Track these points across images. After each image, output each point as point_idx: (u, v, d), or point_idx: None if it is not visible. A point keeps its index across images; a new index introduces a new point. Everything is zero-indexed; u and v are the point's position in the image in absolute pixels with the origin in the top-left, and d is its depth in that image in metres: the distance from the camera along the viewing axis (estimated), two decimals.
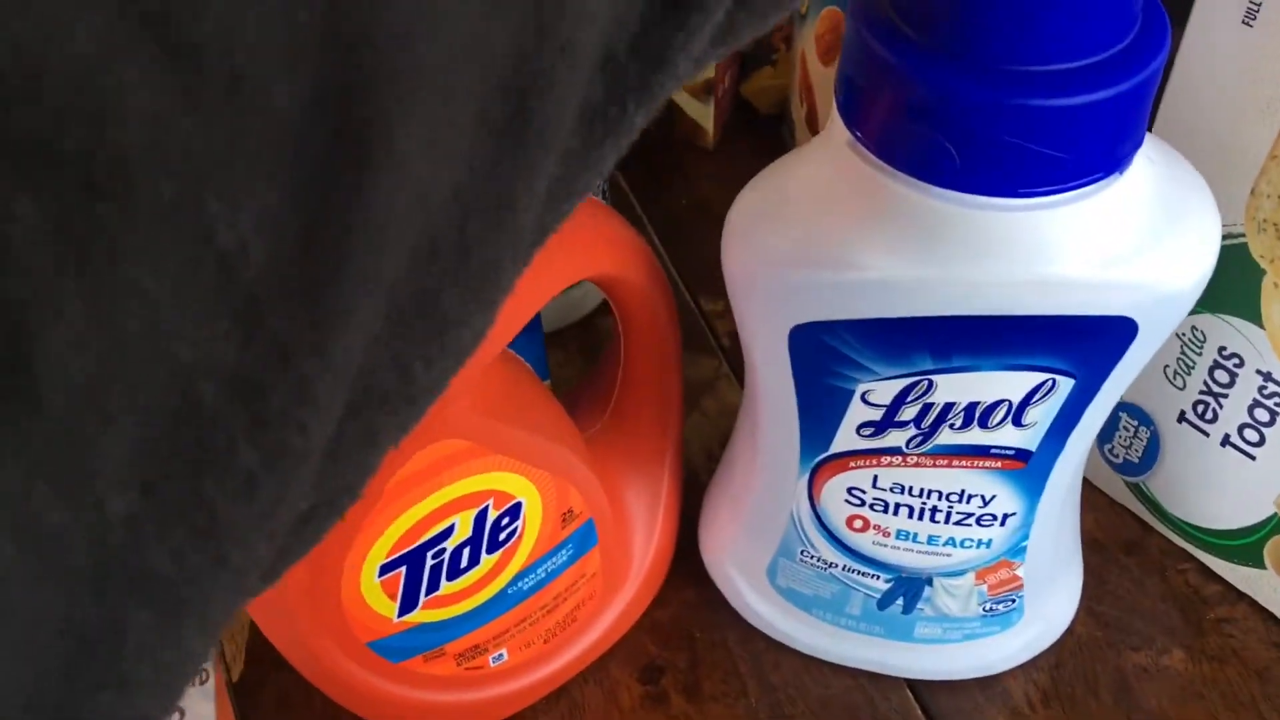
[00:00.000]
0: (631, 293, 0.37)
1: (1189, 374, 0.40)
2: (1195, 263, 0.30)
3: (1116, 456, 0.45)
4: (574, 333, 0.55)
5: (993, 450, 0.33)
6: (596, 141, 0.17)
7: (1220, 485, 0.42)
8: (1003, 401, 0.32)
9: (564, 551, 0.38)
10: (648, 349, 0.40)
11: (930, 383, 0.32)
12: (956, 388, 0.32)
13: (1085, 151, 0.27)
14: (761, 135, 0.64)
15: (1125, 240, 0.29)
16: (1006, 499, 0.35)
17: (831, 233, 0.30)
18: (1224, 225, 0.35)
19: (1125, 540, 0.46)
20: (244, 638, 0.45)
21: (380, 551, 0.33)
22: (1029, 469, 0.34)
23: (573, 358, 0.54)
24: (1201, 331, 0.39)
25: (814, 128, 0.57)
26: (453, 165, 0.15)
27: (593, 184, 0.19)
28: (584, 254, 0.35)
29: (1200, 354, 0.39)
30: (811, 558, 0.39)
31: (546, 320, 0.52)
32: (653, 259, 0.37)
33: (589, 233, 0.35)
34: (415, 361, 0.16)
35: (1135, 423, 0.43)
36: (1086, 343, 0.30)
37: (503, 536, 0.35)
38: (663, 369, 0.40)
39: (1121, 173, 0.28)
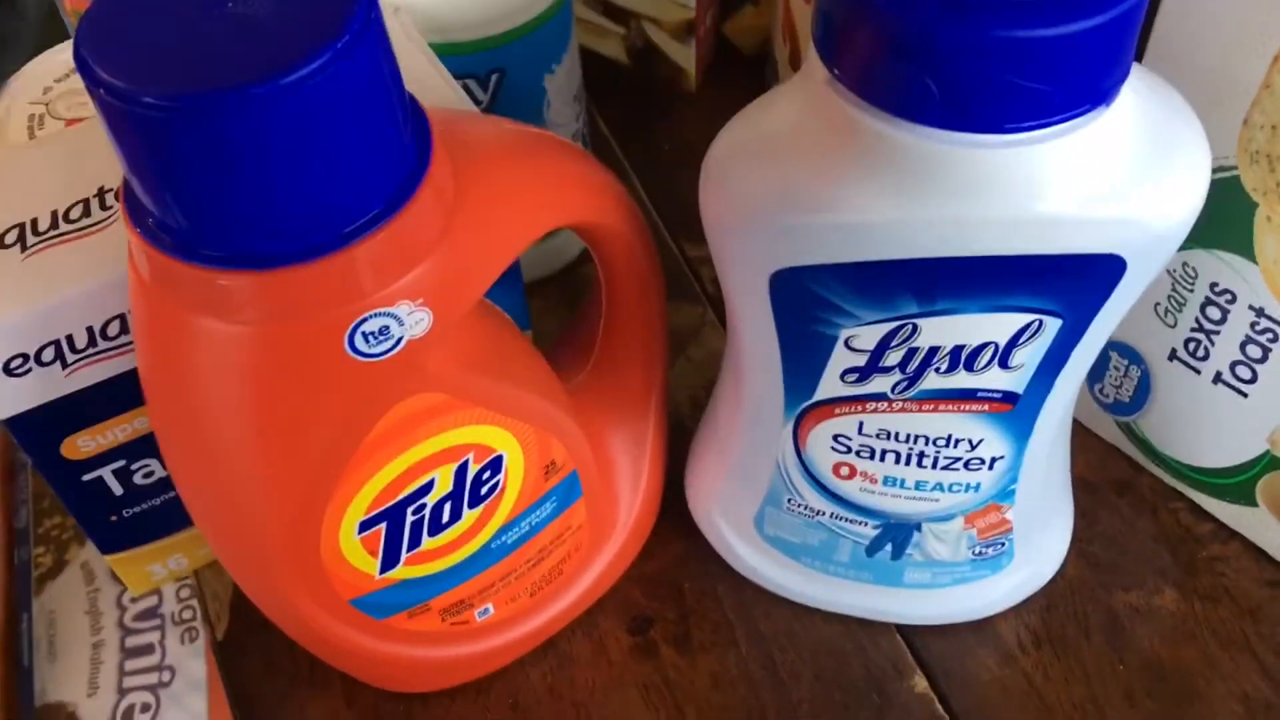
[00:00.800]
0: (611, 238, 0.36)
1: (1180, 311, 0.40)
2: (1185, 197, 0.29)
3: (1107, 396, 0.45)
4: (555, 282, 0.54)
5: (979, 393, 0.33)
6: None
7: (1212, 423, 0.41)
8: (989, 344, 0.31)
9: (548, 504, 0.38)
10: (630, 296, 0.39)
11: (915, 327, 0.31)
12: (941, 331, 0.31)
13: (1070, 84, 0.26)
14: (745, 76, 0.63)
15: (1112, 175, 0.28)
16: (994, 442, 0.34)
17: (811, 175, 0.29)
18: (1215, 158, 0.34)
19: (1116, 480, 0.46)
20: (227, 596, 0.45)
21: (359, 508, 0.33)
22: (1016, 411, 0.33)
23: (554, 308, 0.53)
24: (1193, 268, 0.38)
25: (798, 67, 0.56)
26: None
27: None
28: (561, 200, 0.34)
29: (1191, 290, 0.39)
30: (798, 506, 0.38)
31: (527, 270, 0.51)
32: (631, 203, 0.37)
33: (565, 178, 0.34)
34: None
35: (1125, 362, 0.43)
36: (1073, 282, 0.30)
37: (484, 491, 0.35)
38: (646, 317, 0.40)
39: (1108, 105, 0.27)
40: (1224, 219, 0.36)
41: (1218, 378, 0.40)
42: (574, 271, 0.54)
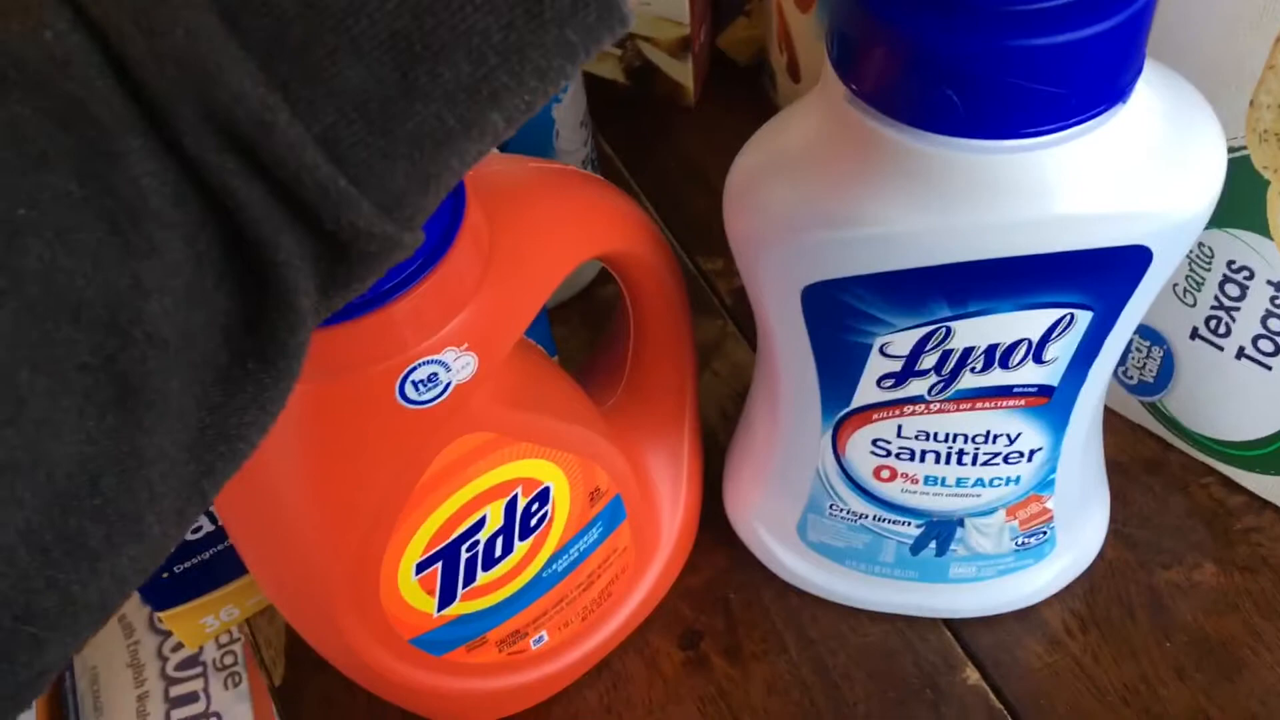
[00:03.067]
0: (637, 264, 0.37)
1: (1199, 290, 0.40)
2: (1205, 184, 0.30)
3: (1131, 378, 0.45)
4: (575, 305, 0.54)
5: (1015, 389, 0.33)
6: (241, 393, 0.20)
7: (1238, 398, 0.42)
8: (1022, 341, 0.32)
9: (595, 529, 0.38)
10: (658, 319, 0.40)
11: (948, 329, 0.32)
12: (975, 332, 0.32)
13: (1087, 86, 0.27)
14: (742, 88, 0.63)
15: (1133, 169, 0.29)
16: (1032, 435, 0.35)
17: (837, 190, 0.30)
18: (1226, 138, 0.35)
19: (1146, 460, 0.46)
20: (281, 642, 0.45)
21: (415, 550, 0.33)
22: (1052, 403, 0.34)
23: (576, 331, 0.54)
24: (1209, 248, 0.39)
25: (795, 75, 0.57)
26: (68, 434, 0.18)
27: (266, 423, 0.21)
28: (589, 232, 0.34)
29: (1209, 270, 0.39)
30: (841, 511, 0.39)
31: None
32: (654, 228, 0.37)
33: (592, 211, 0.35)
34: (72, 585, 0.19)
35: (1148, 343, 0.43)
36: (1102, 274, 0.30)
37: (534, 522, 0.35)
38: (674, 337, 0.40)
39: (1124, 102, 0.28)
40: (1237, 198, 0.36)
41: (1241, 353, 0.40)
42: (592, 294, 0.55)
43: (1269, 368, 0.40)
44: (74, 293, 0.18)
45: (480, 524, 0.34)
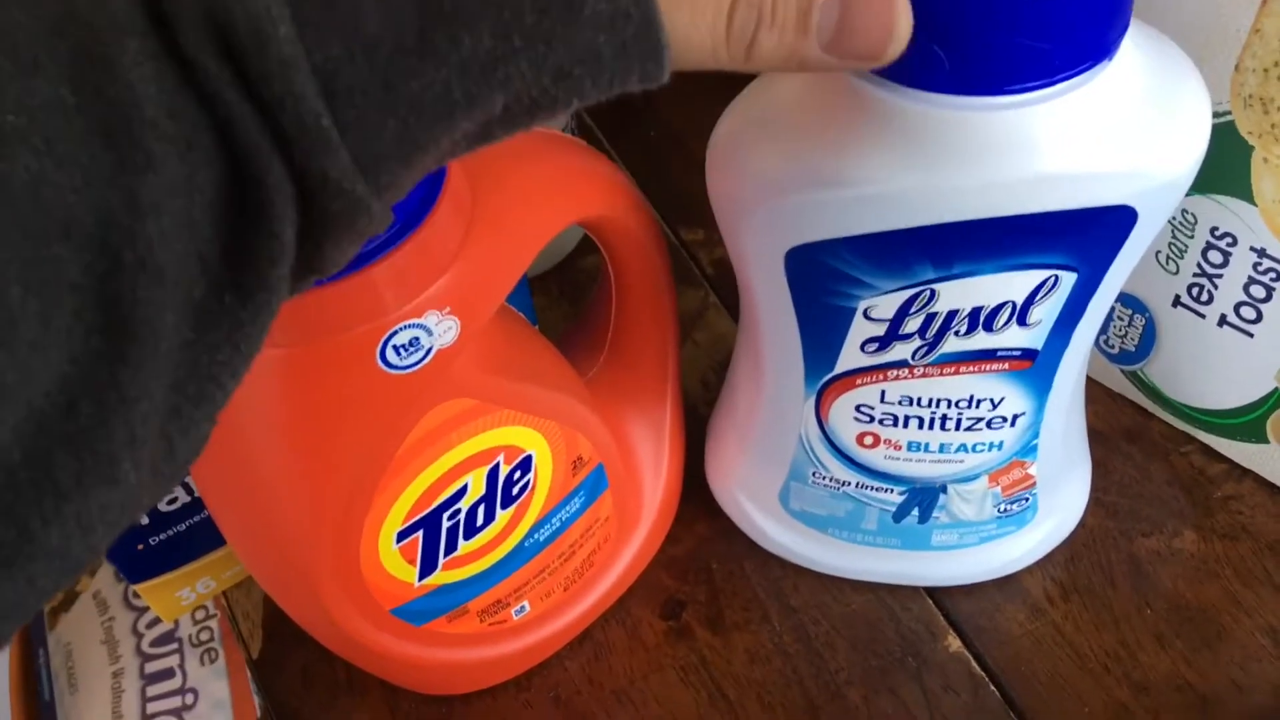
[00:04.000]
0: (619, 230, 0.37)
1: (1181, 258, 0.40)
2: (1190, 144, 0.30)
3: (1112, 347, 0.45)
4: (555, 275, 0.54)
5: (999, 353, 0.33)
6: (215, 330, 0.19)
7: (1220, 365, 0.42)
8: (1006, 303, 0.32)
9: (577, 499, 0.38)
10: (640, 286, 0.39)
11: (932, 292, 0.31)
12: (959, 294, 0.31)
13: (1073, 42, 0.26)
14: None
15: (1119, 128, 0.28)
16: (1015, 399, 0.35)
17: (822, 150, 0.30)
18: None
19: (1126, 428, 0.46)
20: (259, 615, 0.45)
21: (396, 518, 0.33)
22: (1036, 367, 0.34)
23: (556, 301, 0.53)
24: (1192, 214, 0.39)
25: None
26: (54, 355, 0.17)
27: (239, 366, 0.20)
28: (572, 197, 0.34)
29: (1192, 237, 0.39)
30: (823, 478, 0.39)
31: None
32: (638, 194, 0.37)
33: (574, 175, 0.34)
34: (33, 520, 0.18)
35: (1130, 311, 0.43)
36: (1087, 235, 0.30)
37: (516, 490, 0.35)
38: (656, 305, 0.40)
39: (1110, 60, 0.28)
40: (1221, 164, 0.36)
41: (1223, 320, 0.40)
42: (572, 264, 0.54)
43: (1250, 335, 0.40)
44: (65, 208, 0.17)
45: (462, 492, 0.34)
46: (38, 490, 0.18)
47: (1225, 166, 0.37)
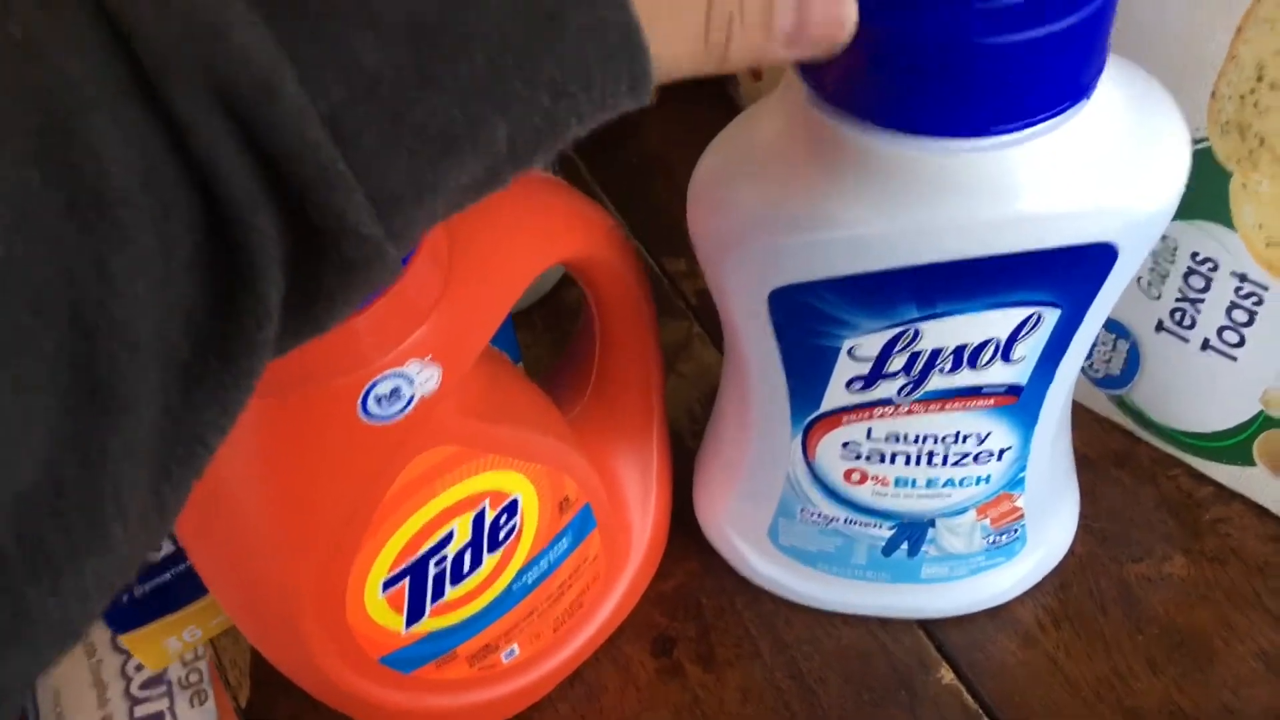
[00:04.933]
0: (601, 270, 0.36)
1: (1163, 283, 0.40)
2: (1169, 180, 0.30)
3: (1097, 371, 0.45)
4: (539, 310, 0.54)
5: (984, 389, 0.33)
6: (200, 390, 0.19)
7: (1204, 389, 0.42)
8: (990, 340, 0.32)
9: (564, 539, 0.38)
10: (622, 324, 0.39)
11: (916, 331, 0.31)
12: (943, 332, 0.31)
13: (1051, 83, 0.26)
14: (702, 81, 0.63)
15: (1097, 166, 0.28)
16: (1002, 434, 0.35)
17: (802, 193, 0.30)
18: None
19: (1113, 453, 0.46)
20: (246, 663, 0.44)
21: (382, 567, 0.32)
22: (1021, 402, 0.34)
23: (540, 336, 0.53)
24: (1173, 240, 0.39)
25: (756, 74, 0.56)
26: (35, 433, 0.17)
27: (225, 425, 0.20)
28: (552, 239, 0.34)
29: (1173, 262, 0.39)
30: (812, 514, 0.39)
31: None
32: (619, 233, 0.37)
33: (554, 216, 0.34)
34: (30, 596, 0.18)
35: (1113, 336, 0.43)
36: (1069, 272, 0.30)
37: (502, 535, 0.35)
38: (640, 342, 0.40)
39: (1088, 98, 0.28)
40: (1200, 190, 0.36)
41: (1206, 345, 0.40)
42: (556, 298, 0.54)
43: (1234, 359, 0.40)
44: (34, 287, 0.17)
45: (448, 538, 0.33)
46: (33, 568, 0.18)
47: (1204, 192, 0.37)
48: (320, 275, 0.20)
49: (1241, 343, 0.39)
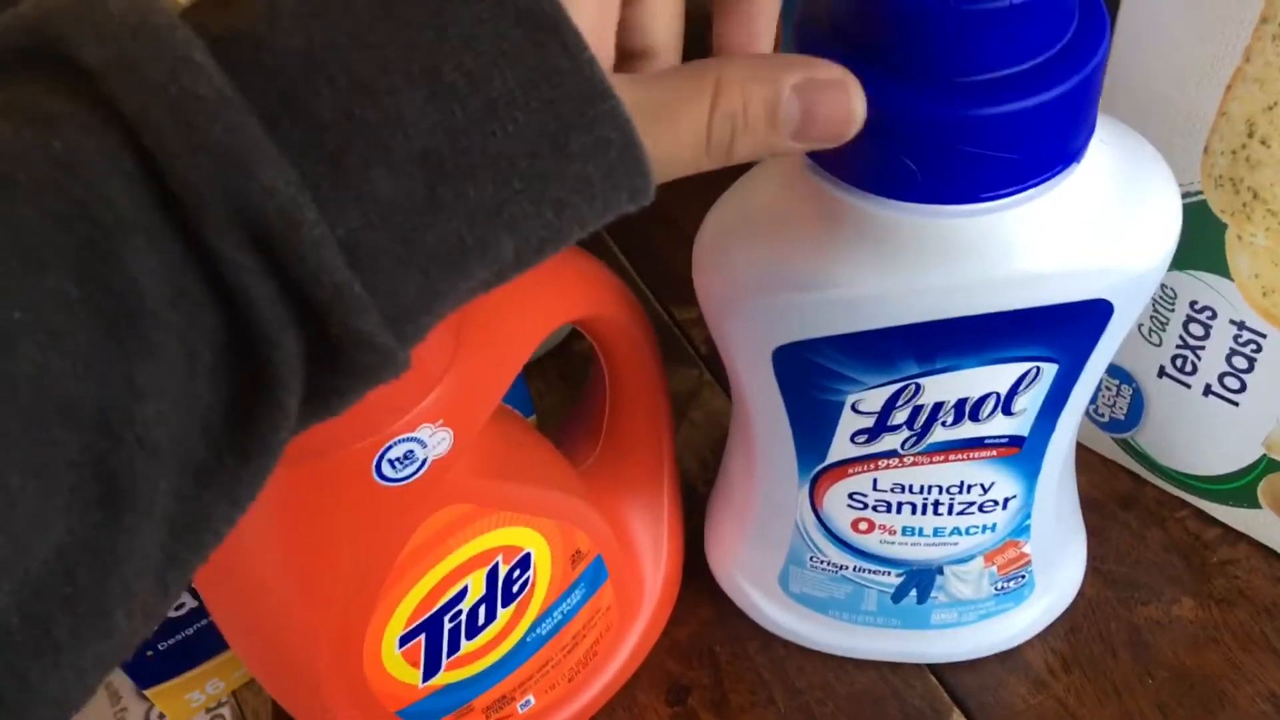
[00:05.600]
0: (610, 328, 0.37)
1: (1164, 331, 0.41)
2: (1161, 237, 0.30)
3: (1102, 416, 0.46)
4: (552, 360, 0.55)
5: (987, 441, 0.34)
6: (215, 487, 0.20)
7: (1207, 434, 0.42)
8: (991, 394, 0.32)
9: (577, 591, 0.38)
10: (632, 377, 0.40)
11: (918, 386, 0.32)
12: (944, 387, 0.32)
13: (1042, 150, 0.27)
14: None
15: (1090, 226, 0.29)
16: (1005, 484, 0.35)
17: (802, 254, 0.30)
18: (1182, 184, 0.35)
19: (1120, 495, 0.47)
20: (269, 713, 0.45)
21: (398, 624, 0.33)
22: (1024, 452, 0.34)
23: (553, 385, 0.54)
24: (1172, 289, 0.40)
25: None
26: (52, 529, 0.18)
27: (235, 516, 0.21)
28: (561, 299, 0.35)
29: (1173, 310, 0.40)
30: (821, 562, 0.39)
31: None
32: (626, 290, 0.38)
33: (563, 277, 0.35)
34: (32, 673, 0.19)
35: (1117, 382, 0.44)
36: (1065, 329, 0.31)
37: (516, 588, 0.36)
38: (649, 395, 0.41)
39: (1079, 161, 0.29)
40: (1197, 241, 0.37)
41: (1208, 390, 0.41)
42: (569, 348, 0.55)
43: (1235, 404, 0.41)
44: (66, 396, 0.18)
45: (462, 594, 0.34)
46: (36, 648, 0.18)
47: (1201, 243, 0.37)
48: (334, 378, 0.21)
49: (1243, 388, 0.40)
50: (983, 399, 0.32)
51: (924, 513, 0.36)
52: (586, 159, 0.21)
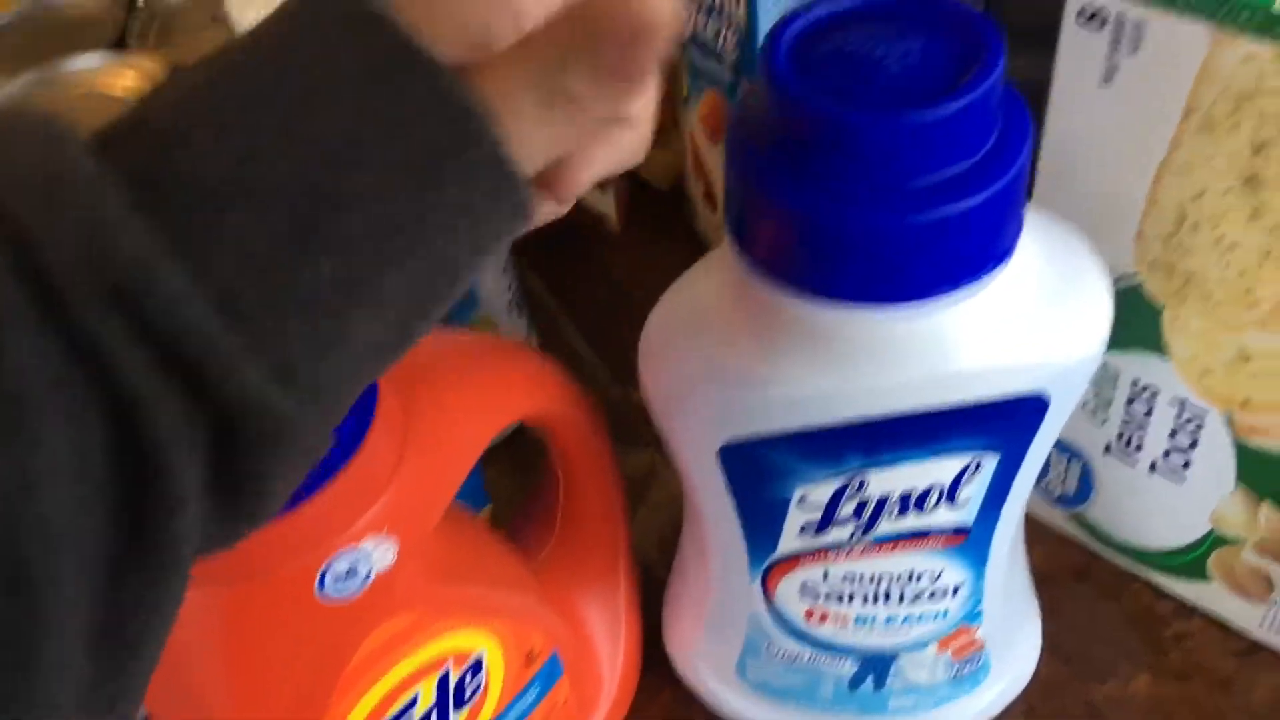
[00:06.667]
0: (559, 424, 0.37)
1: (1108, 409, 0.41)
2: (1092, 328, 0.31)
3: (1053, 490, 0.46)
4: (505, 447, 0.54)
5: (933, 531, 0.34)
6: (129, 588, 0.20)
7: (1155, 509, 0.43)
8: (934, 486, 0.32)
9: (532, 690, 0.38)
10: (584, 471, 0.40)
11: (862, 481, 0.32)
12: (888, 480, 0.32)
13: (973, 251, 0.28)
14: (664, 210, 0.65)
15: (1023, 321, 0.30)
16: (953, 571, 0.35)
17: (742, 352, 0.31)
18: (1117, 269, 0.36)
19: (1074, 568, 0.47)
20: None
21: None
22: (970, 541, 0.35)
23: (507, 471, 0.53)
24: (1114, 369, 0.40)
25: (713, 204, 0.58)
26: None
27: (160, 626, 0.21)
28: (507, 402, 0.35)
29: (1115, 390, 0.41)
30: (777, 652, 0.39)
31: None
32: (574, 388, 0.38)
33: (510, 380, 0.35)
34: None
35: (1066, 458, 0.44)
36: (1003, 422, 0.31)
37: (468, 694, 0.35)
38: (602, 488, 0.41)
39: (1009, 259, 0.29)
40: (1135, 324, 0.38)
41: (1154, 467, 0.41)
42: (523, 434, 0.55)
43: (1181, 480, 0.41)
44: None
45: (412, 703, 0.34)
46: None
47: (1139, 326, 0.38)
48: (238, 455, 0.20)
49: (1188, 465, 0.40)
50: (927, 491, 0.33)
51: (875, 602, 0.36)
52: (460, 181, 0.21)
